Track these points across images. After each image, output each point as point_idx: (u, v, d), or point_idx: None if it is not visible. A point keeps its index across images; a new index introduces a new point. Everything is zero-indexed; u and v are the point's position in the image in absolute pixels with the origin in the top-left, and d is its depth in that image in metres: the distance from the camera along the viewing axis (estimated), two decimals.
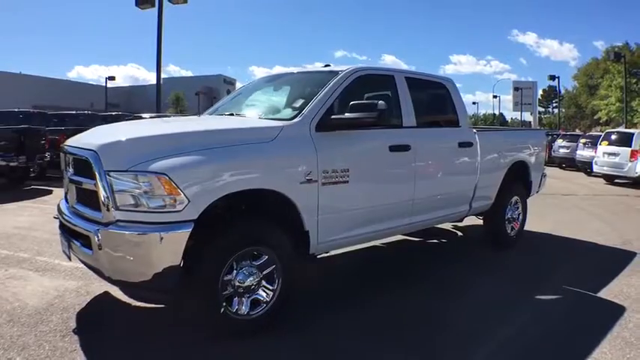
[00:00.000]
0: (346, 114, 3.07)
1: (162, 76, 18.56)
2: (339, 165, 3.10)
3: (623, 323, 3.13)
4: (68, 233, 2.89)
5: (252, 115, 3.41)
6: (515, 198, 5.25)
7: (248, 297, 2.78)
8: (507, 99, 59.10)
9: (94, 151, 2.61)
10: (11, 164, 7.83)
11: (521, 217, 5.40)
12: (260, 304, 2.83)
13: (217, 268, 2.61)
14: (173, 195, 2.45)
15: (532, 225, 6.16)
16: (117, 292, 3.42)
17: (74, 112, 13.65)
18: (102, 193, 2.53)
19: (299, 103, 3.25)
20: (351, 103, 3.10)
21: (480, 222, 5.29)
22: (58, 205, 3.17)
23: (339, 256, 4.61)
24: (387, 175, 3.55)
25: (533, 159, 5.51)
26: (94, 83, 47.75)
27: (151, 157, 2.49)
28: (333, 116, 3.09)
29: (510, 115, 63.90)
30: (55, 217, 3.21)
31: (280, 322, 2.93)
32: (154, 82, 18.17)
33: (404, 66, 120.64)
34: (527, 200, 5.54)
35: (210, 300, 2.61)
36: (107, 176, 2.50)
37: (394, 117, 3.71)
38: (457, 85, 4.55)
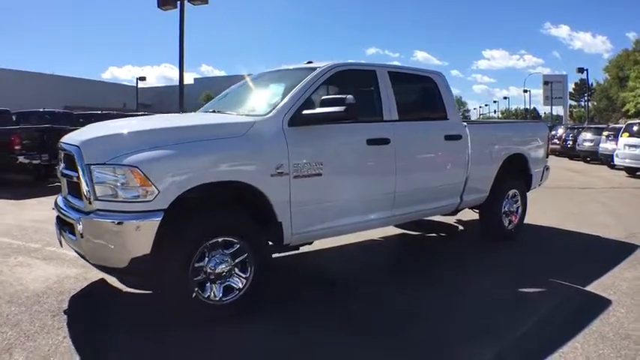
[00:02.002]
0: (317, 109, 3.18)
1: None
2: (311, 158, 3.22)
3: (604, 317, 3.07)
4: (60, 222, 3.14)
5: (233, 112, 3.55)
6: (513, 191, 5.22)
7: (221, 283, 2.95)
8: (539, 93, 57.15)
9: (77, 146, 2.84)
10: (34, 162, 8.35)
11: (520, 210, 5.35)
12: (233, 290, 3.00)
13: (188, 255, 2.80)
14: (144, 186, 2.64)
15: (538, 218, 6.16)
16: (112, 279, 3.66)
17: (99, 112, 14.24)
18: (83, 185, 2.75)
19: (275, 99, 3.38)
20: (322, 97, 3.21)
21: None
22: (56, 199, 3.43)
23: (334, 248, 4.75)
24: (365, 168, 3.63)
25: (532, 152, 5.45)
26: (128, 84, 49.28)
27: (126, 152, 2.69)
28: (304, 111, 3.20)
29: (544, 109, 61.86)
30: (52, 209, 3.47)
31: (256, 308, 3.08)
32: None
33: (436, 62, 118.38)
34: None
35: (181, 285, 2.79)
36: (88, 169, 2.72)
37: (374, 111, 3.79)
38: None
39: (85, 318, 3.09)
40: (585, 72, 36.99)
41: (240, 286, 3.01)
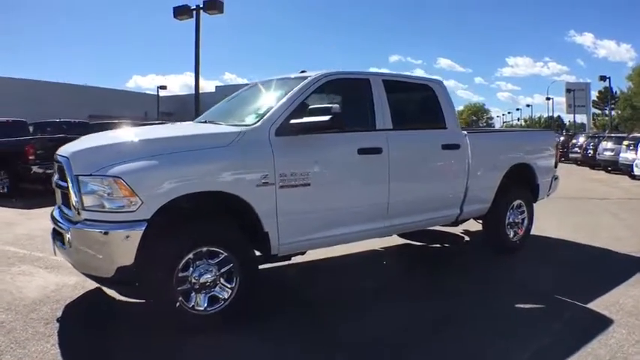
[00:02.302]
0: (303, 118, 3.19)
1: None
2: (299, 168, 3.22)
3: (603, 339, 2.91)
4: (54, 232, 3.22)
5: (224, 122, 3.59)
6: (518, 202, 5.10)
7: (205, 293, 2.97)
8: (562, 101, 55.98)
9: (67, 158, 2.92)
10: (48, 172, 8.59)
11: (526, 221, 5.22)
12: (218, 300, 3.00)
13: (172, 264, 2.82)
14: (128, 197, 2.69)
15: (550, 230, 6.02)
16: (108, 289, 3.71)
17: (116, 121, 14.60)
18: (72, 195, 2.82)
19: (264, 109, 3.40)
20: (309, 107, 3.22)
21: None
22: (52, 210, 3.51)
23: (331, 258, 4.72)
24: (356, 178, 3.61)
25: (539, 161, 5.32)
26: (151, 92, 50.36)
27: (112, 163, 2.76)
28: (292, 121, 3.21)
29: (568, 117, 60.64)
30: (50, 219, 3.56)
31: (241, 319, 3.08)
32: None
33: (459, 69, 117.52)
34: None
35: (165, 294, 2.81)
36: (76, 179, 2.79)
37: (366, 120, 3.77)
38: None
39: (77, 326, 3.15)
40: (608, 80, 36.08)
41: (226, 296, 3.02)
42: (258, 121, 3.26)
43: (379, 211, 3.76)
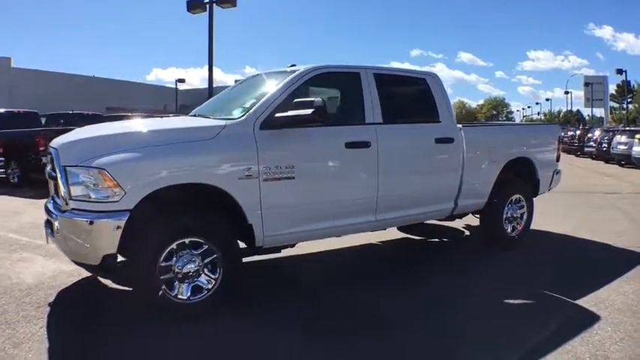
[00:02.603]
0: (288, 112, 3.20)
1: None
2: (283, 161, 3.24)
3: (586, 336, 2.86)
4: (47, 221, 3.32)
5: (213, 116, 3.62)
6: (516, 196, 5.03)
7: (189, 283, 3.03)
8: (581, 94, 54.69)
9: (56, 149, 3.00)
10: None
11: (525, 216, 5.15)
12: (202, 290, 3.07)
13: (154, 254, 2.89)
14: (112, 187, 2.76)
15: (552, 224, 5.96)
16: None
17: (129, 113, 14.82)
18: (61, 185, 2.91)
19: (250, 103, 3.43)
20: (294, 100, 3.23)
21: None
22: (46, 201, 3.61)
23: (325, 251, 4.75)
24: (343, 171, 3.61)
25: (540, 155, 5.24)
26: (171, 86, 50.89)
27: (97, 154, 2.82)
28: (276, 115, 3.23)
29: (587, 111, 59.35)
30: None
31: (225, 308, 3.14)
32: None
33: (480, 63, 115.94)
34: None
35: (148, 283, 2.89)
36: (64, 170, 2.87)
37: (355, 113, 3.77)
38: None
39: (66, 311, 3.26)
40: (624, 73, 35.12)
41: (209, 286, 3.08)
42: (243, 114, 3.29)
43: (368, 205, 3.76)
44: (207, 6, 17.42)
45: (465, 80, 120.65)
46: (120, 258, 2.94)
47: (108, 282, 3.72)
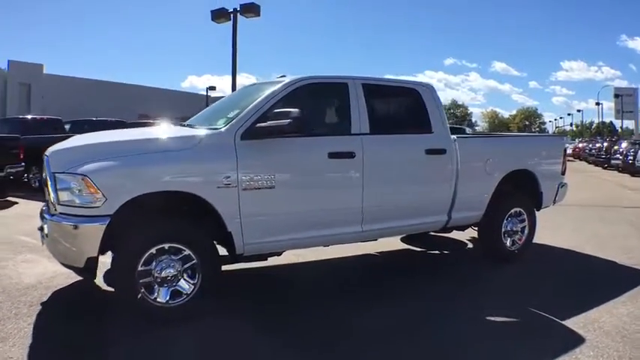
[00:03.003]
0: (268, 122, 3.30)
1: None
2: (263, 171, 3.33)
3: None
4: (41, 226, 3.52)
5: (201, 126, 3.75)
6: (516, 209, 4.95)
7: (168, 287, 3.14)
8: (612, 106, 52.99)
9: (48, 156, 3.20)
10: None
11: (527, 230, 5.04)
12: (181, 295, 3.17)
13: (134, 258, 3.02)
14: (93, 193, 2.92)
15: (559, 239, 5.85)
16: (99, 278, 3.96)
17: (151, 120, 15.34)
18: (51, 190, 3.09)
19: (235, 112, 3.54)
20: (273, 111, 3.32)
21: None
22: (42, 207, 3.80)
23: (321, 261, 4.84)
24: (326, 182, 3.67)
25: (543, 168, 5.14)
26: (204, 93, 52.39)
27: (82, 162, 2.99)
28: (257, 125, 3.33)
29: (619, 123, 57.35)
30: None
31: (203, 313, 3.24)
32: None
33: (514, 73, 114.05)
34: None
35: (127, 285, 3.02)
36: (53, 176, 3.06)
37: (341, 124, 3.83)
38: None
39: (57, 310, 3.44)
40: None
41: (188, 291, 3.19)
42: (226, 124, 3.41)
43: (353, 216, 3.78)
44: (231, 15, 17.97)
45: (498, 90, 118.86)
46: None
47: (102, 284, 3.89)
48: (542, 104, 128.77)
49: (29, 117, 13.48)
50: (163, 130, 4.03)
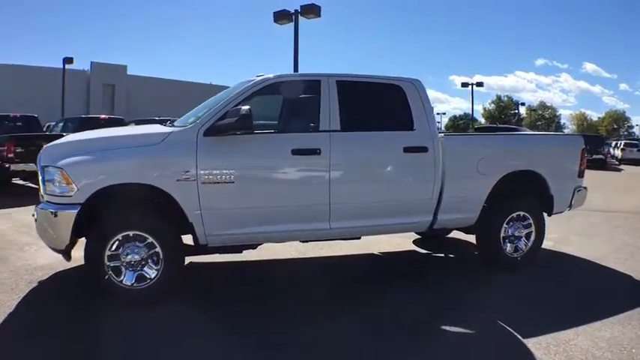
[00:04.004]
0: (224, 120, 3.58)
1: None
2: (222, 166, 3.61)
3: None
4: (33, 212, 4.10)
5: (179, 124, 4.12)
6: (519, 213, 4.75)
7: (133, 271, 3.54)
8: None
9: (40, 152, 3.76)
10: None
11: (533, 236, 4.82)
12: (146, 279, 3.56)
13: (101, 243, 3.46)
14: (68, 184, 3.40)
15: (582, 248, 5.62)
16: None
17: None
18: (40, 182, 3.64)
19: (204, 111, 3.87)
20: (229, 109, 3.60)
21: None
22: None
23: (314, 259, 5.08)
24: (289, 178, 3.86)
25: (553, 169, 4.87)
26: None
27: (62, 156, 3.50)
28: (217, 123, 3.63)
29: None
30: None
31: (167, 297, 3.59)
32: None
33: (605, 75, 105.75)
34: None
35: (95, 267, 3.46)
36: (42, 169, 3.60)
37: (308, 121, 4.00)
38: None
39: (50, 288, 3.98)
40: None
41: (152, 276, 3.57)
42: (193, 123, 3.75)
43: (319, 213, 3.92)
44: (293, 17, 18.62)
45: (590, 91, 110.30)
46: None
47: None
48: (633, 107, 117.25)
49: (92, 116, 14.99)
50: (142, 128, 4.49)
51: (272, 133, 3.76)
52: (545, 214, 4.95)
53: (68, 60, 31.50)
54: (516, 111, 62.23)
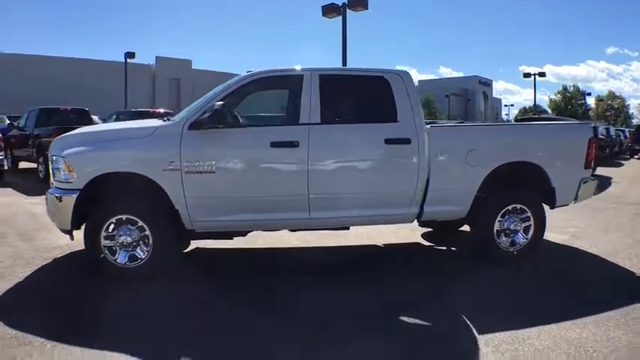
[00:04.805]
0: (204, 115, 3.95)
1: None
2: (204, 157, 3.98)
3: None
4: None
5: (176, 117, 4.52)
6: (516, 206, 4.72)
7: (126, 251, 4.03)
8: None
9: (51, 143, 4.35)
10: None
11: (532, 230, 4.76)
12: (137, 259, 4.04)
13: (97, 225, 3.97)
14: (69, 172, 3.94)
15: (599, 242, 5.51)
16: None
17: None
18: (50, 169, 4.23)
19: (192, 105, 4.28)
20: (209, 104, 3.97)
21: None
22: None
23: (312, 248, 5.37)
24: (267, 169, 4.15)
25: (554, 160, 4.80)
26: None
27: (67, 147, 4.05)
28: (200, 117, 4.01)
29: None
30: None
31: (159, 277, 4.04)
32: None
33: None
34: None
35: (92, 246, 3.98)
36: (51, 158, 4.18)
37: (289, 114, 4.28)
38: None
39: (59, 265, 4.55)
40: None
41: (143, 257, 4.04)
42: (182, 117, 4.16)
43: (298, 203, 4.16)
44: (341, 9, 18.79)
45: None
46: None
47: None
48: None
49: (143, 110, 16.19)
50: (140, 122, 5.00)
51: (253, 127, 4.09)
52: (551, 208, 4.89)
53: (130, 54, 33.67)
54: (583, 101, 58.49)
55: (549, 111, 64.39)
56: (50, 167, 4.25)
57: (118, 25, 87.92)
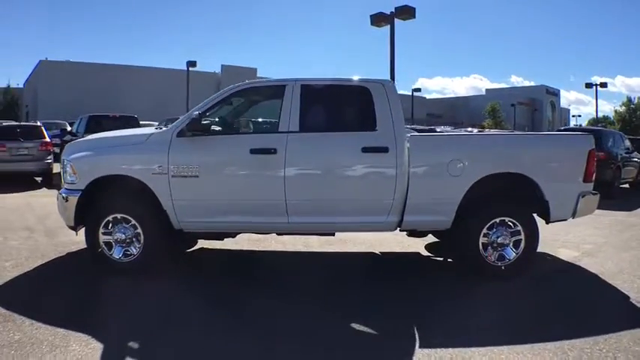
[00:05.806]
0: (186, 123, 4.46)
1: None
2: (188, 162, 4.45)
3: None
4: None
5: (171, 125, 5.07)
6: (504, 219, 4.70)
7: (121, 247, 4.58)
8: None
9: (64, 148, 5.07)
10: None
11: (523, 244, 4.71)
12: (130, 255, 4.59)
13: (96, 223, 4.56)
14: (74, 174, 4.59)
15: (605, 261, 5.41)
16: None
17: None
18: (61, 172, 4.93)
19: (185, 114, 4.80)
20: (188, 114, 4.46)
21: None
22: None
23: (309, 253, 5.69)
24: (247, 175, 4.56)
25: (548, 173, 4.77)
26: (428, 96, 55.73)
27: (74, 152, 4.72)
28: (185, 125, 4.50)
29: None
30: None
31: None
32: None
33: None
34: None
35: (91, 241, 4.58)
36: (62, 162, 4.88)
37: (271, 123, 4.66)
38: None
39: (72, 259, 5.21)
40: None
41: (135, 253, 4.58)
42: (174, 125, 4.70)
43: (277, 208, 4.49)
44: (389, 19, 19.02)
45: None
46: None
47: None
48: None
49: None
50: (138, 129, 5.62)
51: (236, 134, 4.52)
52: (546, 222, 4.87)
53: (192, 63, 35.81)
54: None
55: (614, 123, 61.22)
56: (62, 168, 4.94)
57: (183, 35, 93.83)
